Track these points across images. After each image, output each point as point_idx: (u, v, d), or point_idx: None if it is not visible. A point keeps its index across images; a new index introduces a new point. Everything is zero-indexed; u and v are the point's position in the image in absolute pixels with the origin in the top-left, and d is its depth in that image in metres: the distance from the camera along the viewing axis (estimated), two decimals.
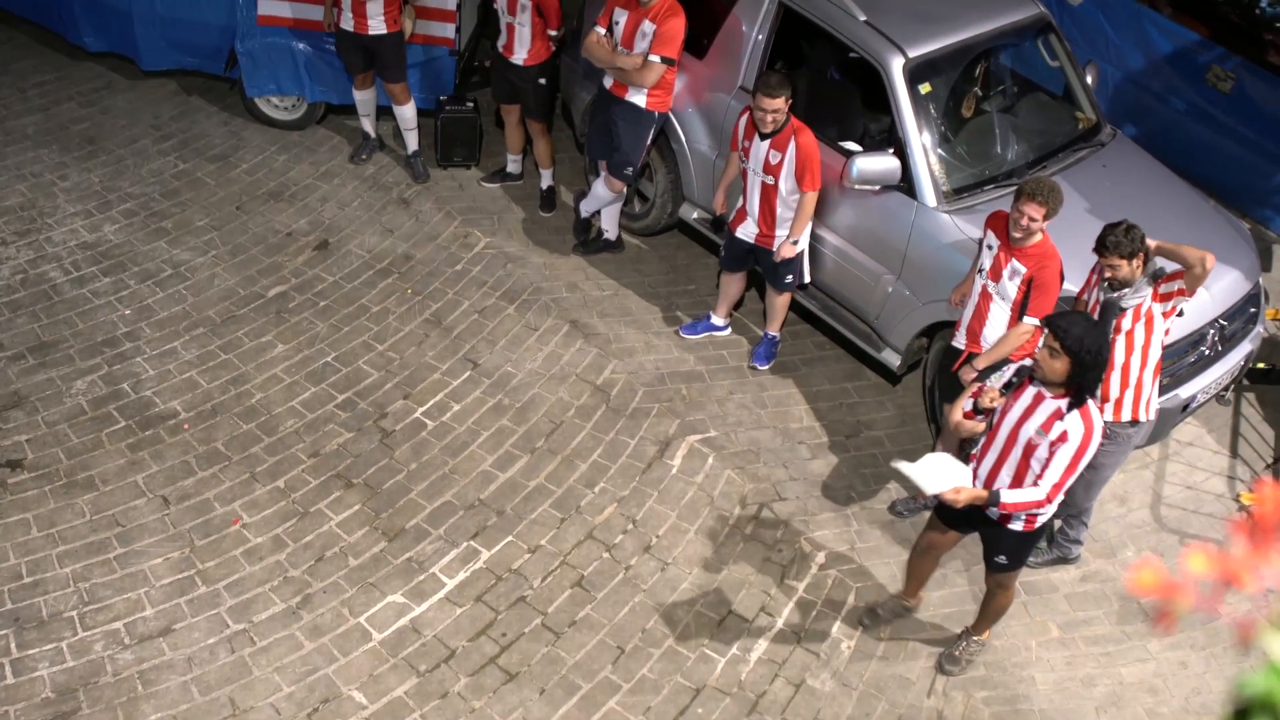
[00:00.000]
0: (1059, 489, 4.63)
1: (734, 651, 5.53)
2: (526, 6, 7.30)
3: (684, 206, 7.61)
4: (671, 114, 7.21)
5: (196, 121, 8.48)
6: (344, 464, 6.18)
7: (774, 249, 6.53)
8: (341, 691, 5.19)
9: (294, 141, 8.41)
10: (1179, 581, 1.24)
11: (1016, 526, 4.89)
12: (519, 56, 7.50)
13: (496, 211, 8.00)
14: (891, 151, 6.32)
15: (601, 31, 6.97)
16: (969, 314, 5.78)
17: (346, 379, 6.65)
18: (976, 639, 5.52)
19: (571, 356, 6.94)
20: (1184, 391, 6.06)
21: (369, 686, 5.22)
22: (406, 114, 8.02)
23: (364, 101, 8.11)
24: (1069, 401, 4.55)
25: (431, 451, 6.30)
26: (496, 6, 7.49)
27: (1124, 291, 5.18)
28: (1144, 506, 6.40)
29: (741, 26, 7.04)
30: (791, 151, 6.23)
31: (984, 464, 4.87)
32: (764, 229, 6.54)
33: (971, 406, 4.89)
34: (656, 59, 6.78)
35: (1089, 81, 7.02)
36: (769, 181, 6.36)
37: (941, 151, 6.43)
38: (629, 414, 6.62)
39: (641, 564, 5.86)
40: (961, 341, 5.84)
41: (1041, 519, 4.88)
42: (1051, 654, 5.66)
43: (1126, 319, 5.22)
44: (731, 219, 6.70)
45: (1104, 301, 5.24)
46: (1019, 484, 4.75)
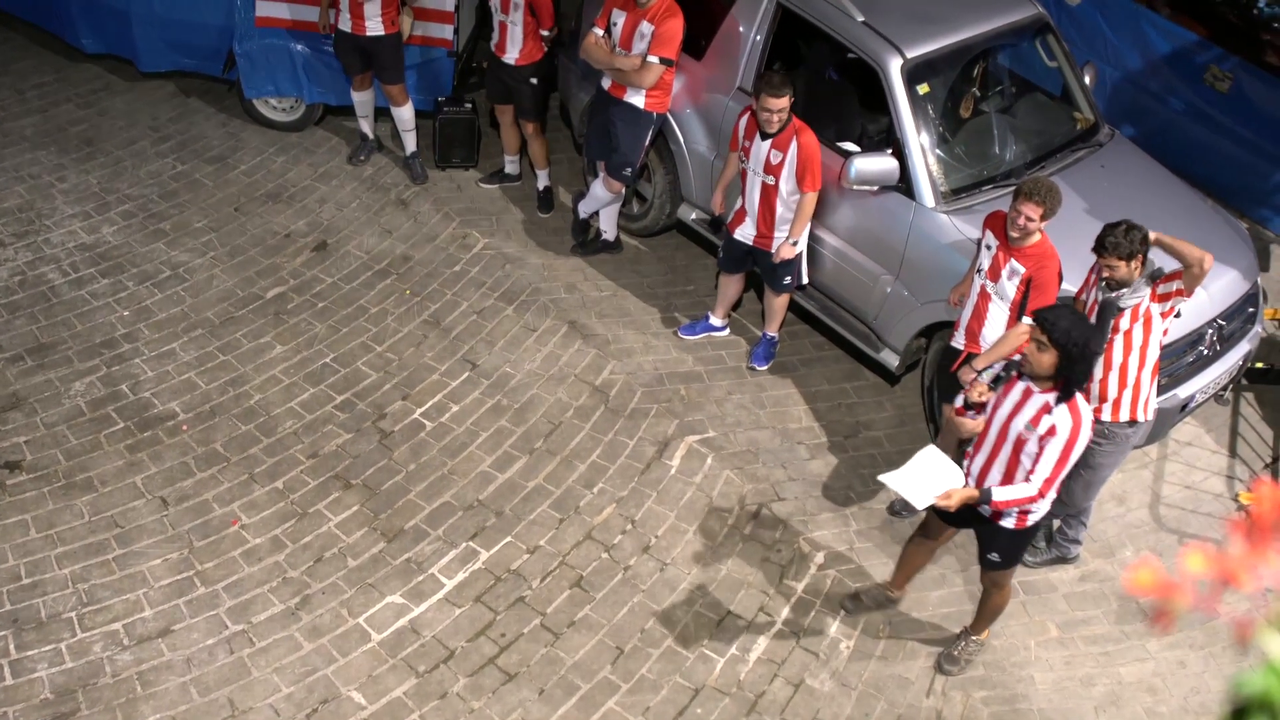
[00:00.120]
0: (1050, 484, 4.64)
1: (733, 651, 5.53)
2: (519, 5, 7.29)
3: (682, 207, 7.61)
4: (670, 115, 7.21)
5: (195, 123, 8.47)
6: (343, 465, 6.19)
7: (772, 250, 6.53)
8: (340, 692, 5.19)
9: (292, 143, 8.41)
10: (1177, 581, 1.24)
11: (1008, 524, 4.90)
12: (511, 56, 7.48)
13: (495, 212, 8.00)
14: (890, 152, 6.32)
15: (600, 32, 6.97)
16: (968, 314, 5.78)
17: (345, 380, 6.65)
18: (975, 639, 5.52)
19: (570, 357, 6.94)
20: (1182, 391, 6.06)
21: (368, 687, 5.22)
22: (404, 115, 8.02)
23: (362, 103, 8.11)
24: (1057, 395, 4.57)
25: (430, 452, 6.30)
26: (490, 5, 7.49)
27: (1122, 291, 5.19)
28: (1143, 506, 6.41)
29: (739, 27, 7.04)
30: (793, 151, 6.23)
31: (975, 461, 4.89)
32: (762, 230, 6.54)
33: (962, 403, 4.90)
34: (655, 60, 6.78)
35: (1087, 82, 7.03)
36: (769, 182, 6.36)
37: (940, 152, 6.43)
38: (627, 414, 6.62)
39: (640, 564, 5.86)
40: (960, 341, 5.84)
41: (1033, 517, 4.89)
42: (1050, 653, 5.66)
43: (1124, 319, 5.22)
44: (730, 220, 6.70)
45: (1102, 301, 5.25)
46: (1010, 480, 4.76)
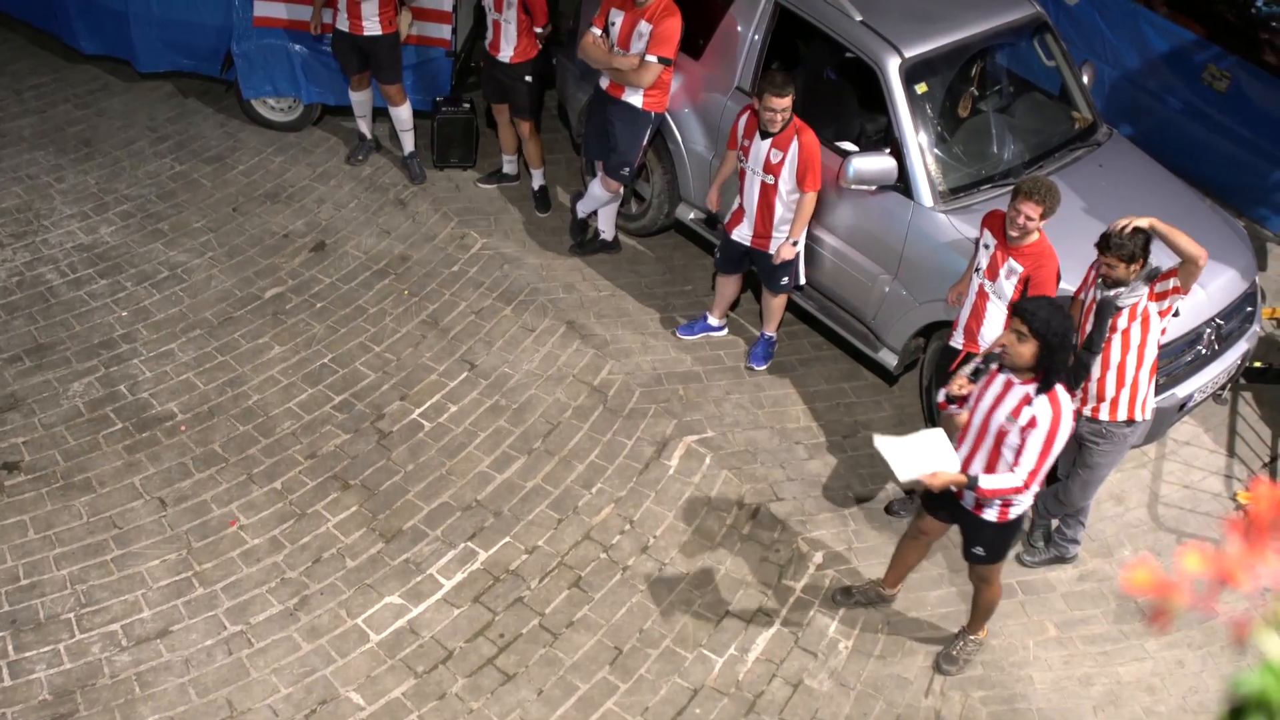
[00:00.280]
0: (1035, 475, 4.66)
1: (731, 651, 5.53)
2: (513, 3, 7.27)
3: (680, 207, 7.60)
4: (668, 114, 7.21)
5: (193, 123, 8.47)
6: (341, 465, 6.18)
7: (770, 250, 6.52)
8: (339, 693, 5.19)
9: (290, 143, 8.40)
10: (1175, 580, 1.24)
11: (990, 517, 4.91)
12: (505, 54, 7.47)
13: (493, 212, 8.00)
14: (888, 151, 6.32)
15: (597, 32, 6.97)
16: (966, 313, 5.78)
17: (343, 380, 6.65)
18: (973, 638, 5.52)
19: (568, 357, 6.94)
20: (1181, 391, 6.06)
21: (367, 688, 5.22)
22: (402, 115, 8.01)
23: (360, 103, 8.10)
24: (1037, 387, 4.59)
25: (429, 452, 6.30)
26: (484, 4, 7.48)
27: (1120, 291, 5.19)
28: (1141, 505, 6.41)
29: (737, 27, 7.03)
30: (794, 151, 6.23)
31: (959, 454, 4.90)
32: (760, 230, 6.53)
33: (944, 397, 4.92)
34: (653, 59, 6.77)
35: (1085, 81, 7.02)
36: (769, 181, 6.35)
37: (938, 151, 6.43)
38: (626, 414, 6.62)
39: (639, 564, 5.86)
40: (959, 341, 5.84)
41: (1015, 510, 4.90)
42: (1049, 653, 5.66)
43: (1122, 318, 5.23)
44: (727, 220, 6.70)
45: (1100, 300, 5.25)
46: (992, 472, 4.79)
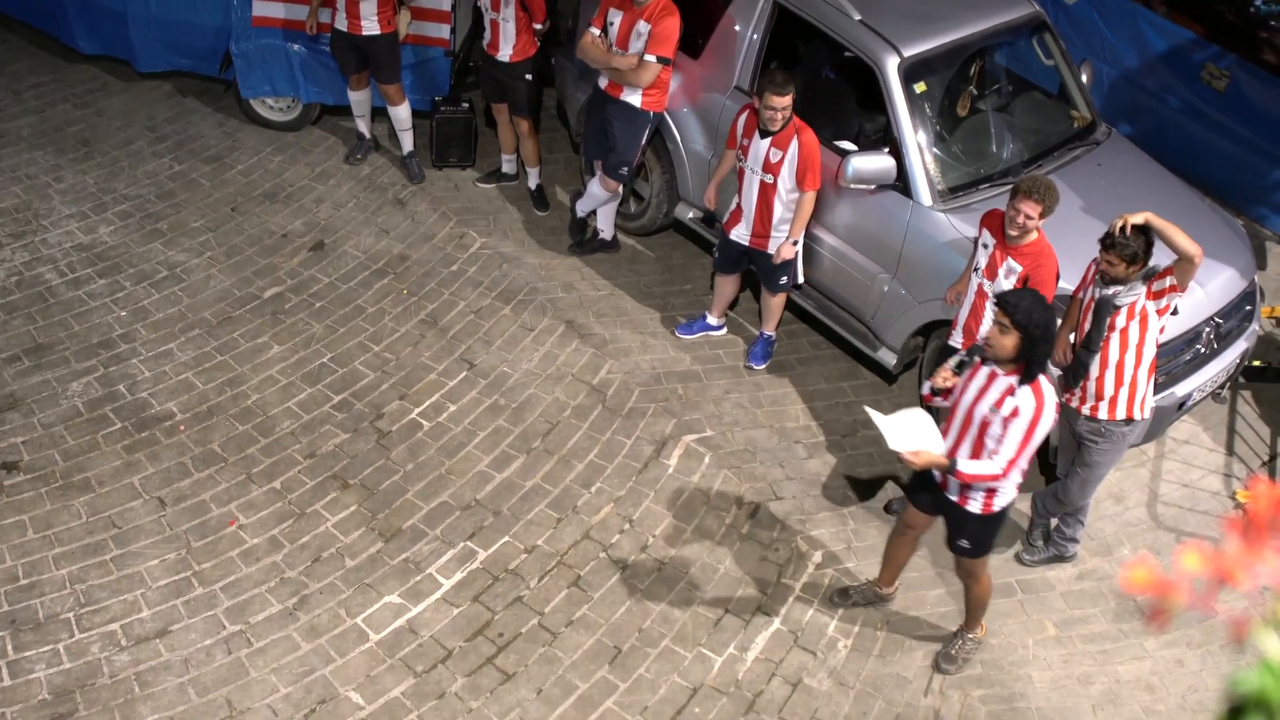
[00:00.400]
0: (1013, 464, 4.70)
1: (731, 650, 5.53)
2: (510, 1, 7.27)
3: (679, 206, 7.60)
4: (667, 114, 7.21)
5: (191, 123, 8.47)
6: (340, 465, 6.18)
7: (769, 250, 6.52)
8: (339, 692, 5.19)
9: (289, 143, 8.40)
10: (1174, 579, 1.24)
11: (974, 508, 4.93)
12: (505, 53, 7.46)
13: (492, 212, 8.00)
14: (887, 151, 6.32)
15: (596, 32, 6.96)
16: (965, 312, 5.78)
17: (343, 380, 6.65)
18: (972, 636, 5.52)
19: (567, 356, 6.94)
20: (1180, 389, 6.06)
21: (366, 687, 5.22)
22: (401, 115, 8.01)
23: (359, 102, 8.10)
24: (1019, 378, 4.63)
25: (428, 452, 6.30)
26: (480, 4, 7.46)
27: (1118, 289, 5.20)
28: (1140, 504, 6.41)
29: (736, 26, 7.04)
30: (794, 150, 6.22)
31: (944, 445, 4.92)
32: (758, 230, 6.53)
33: (929, 389, 4.94)
34: (652, 59, 6.77)
35: (1084, 80, 7.03)
36: (768, 180, 6.35)
37: (937, 150, 6.43)
38: (625, 414, 6.62)
39: (638, 563, 5.86)
40: (958, 340, 5.84)
41: (999, 502, 4.92)
42: (1048, 652, 5.66)
43: (1121, 317, 5.23)
44: (726, 220, 6.70)
45: (1099, 299, 5.26)
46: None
